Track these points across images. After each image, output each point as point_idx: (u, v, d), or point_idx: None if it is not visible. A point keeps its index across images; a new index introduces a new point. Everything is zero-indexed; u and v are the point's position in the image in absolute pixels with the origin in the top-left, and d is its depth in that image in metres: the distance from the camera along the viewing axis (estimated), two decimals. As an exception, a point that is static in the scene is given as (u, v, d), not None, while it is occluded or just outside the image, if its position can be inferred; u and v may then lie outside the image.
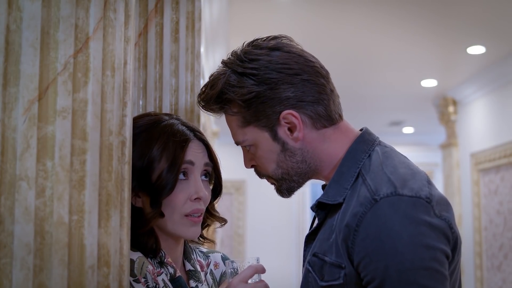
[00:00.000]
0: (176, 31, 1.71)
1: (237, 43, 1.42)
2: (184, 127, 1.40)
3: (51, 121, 1.00)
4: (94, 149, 1.03)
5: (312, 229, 1.37)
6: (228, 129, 1.43)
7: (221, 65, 1.40)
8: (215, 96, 1.34)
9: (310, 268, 1.31)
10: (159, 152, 1.34)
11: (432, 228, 1.17)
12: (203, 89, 1.40)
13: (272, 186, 1.45)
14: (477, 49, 4.98)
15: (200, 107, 1.43)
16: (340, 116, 1.39)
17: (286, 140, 1.34)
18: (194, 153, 1.38)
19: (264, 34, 1.43)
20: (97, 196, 1.03)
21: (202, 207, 1.38)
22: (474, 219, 6.12)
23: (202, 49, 2.15)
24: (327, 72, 1.40)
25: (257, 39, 1.40)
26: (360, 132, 1.39)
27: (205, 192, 1.38)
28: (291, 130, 1.33)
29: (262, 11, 4.21)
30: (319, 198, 1.34)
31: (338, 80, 5.80)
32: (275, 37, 1.40)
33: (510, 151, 5.30)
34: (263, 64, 1.32)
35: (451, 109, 6.68)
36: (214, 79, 1.36)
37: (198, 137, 1.42)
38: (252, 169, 1.46)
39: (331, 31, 4.61)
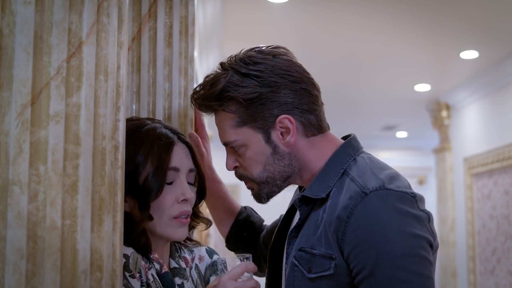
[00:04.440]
0: (169, 35, 1.71)
1: (231, 48, 1.44)
2: (167, 130, 1.42)
3: (44, 126, 1.00)
4: (87, 153, 1.03)
5: (294, 225, 1.41)
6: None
7: (217, 67, 1.43)
8: (217, 93, 1.38)
9: (296, 262, 1.35)
10: (144, 156, 1.35)
11: (417, 219, 1.26)
12: (199, 88, 1.43)
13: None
14: (470, 54, 5.00)
15: (195, 105, 1.46)
16: (328, 126, 1.46)
17: (278, 143, 1.39)
18: (178, 158, 1.39)
19: (257, 38, 1.46)
20: (90, 200, 1.03)
21: (189, 208, 1.41)
22: (467, 223, 6.14)
23: (195, 54, 2.15)
24: (319, 87, 1.47)
25: (257, 47, 1.45)
26: (347, 138, 1.46)
27: (192, 193, 1.40)
28: (283, 134, 1.39)
29: (256, 16, 4.22)
30: (302, 193, 1.40)
31: (332, 84, 5.84)
32: (276, 46, 1.46)
33: (503, 156, 5.32)
34: (267, 68, 1.38)
35: (444, 113, 6.70)
36: (215, 77, 1.40)
37: (181, 140, 1.43)
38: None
39: (324, 37, 4.62)
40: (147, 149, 1.36)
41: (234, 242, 1.79)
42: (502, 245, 5.34)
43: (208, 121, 6.02)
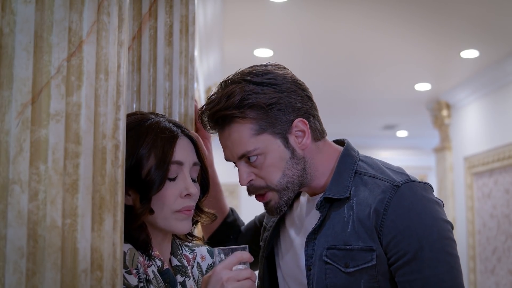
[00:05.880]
0: (170, 34, 1.71)
1: (231, 47, 1.45)
2: (171, 124, 1.42)
3: (44, 125, 0.99)
4: (87, 152, 1.03)
5: (313, 228, 1.47)
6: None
7: (219, 87, 1.48)
8: (237, 102, 1.41)
9: (328, 260, 1.42)
10: (147, 150, 1.35)
11: (439, 206, 1.42)
12: (211, 104, 1.46)
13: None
14: (470, 53, 5.00)
15: (209, 118, 1.48)
16: (325, 132, 1.55)
17: (295, 147, 1.46)
18: (182, 152, 1.39)
19: (257, 38, 1.47)
20: (90, 199, 1.03)
21: (192, 203, 1.41)
22: (467, 222, 6.14)
23: (196, 53, 2.15)
24: None
25: (255, 65, 1.51)
26: (344, 143, 1.56)
27: (195, 188, 1.40)
28: (298, 138, 1.46)
29: (256, 15, 4.21)
30: (324, 195, 1.47)
31: (332, 84, 5.84)
32: (273, 63, 1.54)
33: (503, 155, 5.32)
34: (278, 75, 1.46)
35: (444, 113, 6.70)
36: (229, 90, 1.43)
37: (185, 134, 1.43)
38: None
39: (324, 37, 4.62)
40: (151, 142, 1.36)
41: (217, 241, 1.84)
42: (502, 244, 5.34)
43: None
